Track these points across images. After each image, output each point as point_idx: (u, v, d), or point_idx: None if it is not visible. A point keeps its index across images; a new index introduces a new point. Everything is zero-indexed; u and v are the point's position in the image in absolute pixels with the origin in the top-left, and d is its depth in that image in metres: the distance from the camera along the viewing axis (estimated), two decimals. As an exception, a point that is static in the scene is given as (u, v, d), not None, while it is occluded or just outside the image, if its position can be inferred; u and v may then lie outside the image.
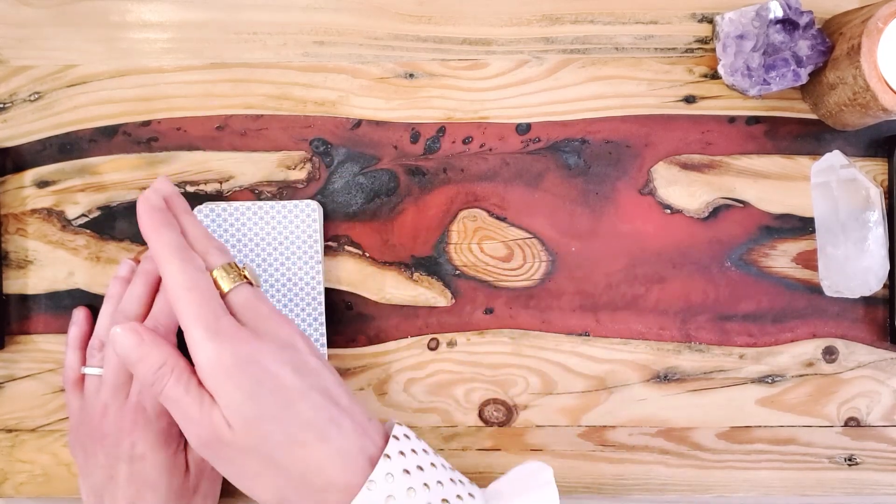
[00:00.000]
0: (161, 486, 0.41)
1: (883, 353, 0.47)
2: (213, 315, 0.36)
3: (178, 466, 0.42)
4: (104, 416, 0.42)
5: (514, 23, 0.48)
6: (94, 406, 0.43)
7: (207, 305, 0.36)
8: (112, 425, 0.42)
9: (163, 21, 0.48)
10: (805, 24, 0.45)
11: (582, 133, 0.48)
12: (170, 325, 0.41)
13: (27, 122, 0.48)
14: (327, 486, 0.35)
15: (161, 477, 0.41)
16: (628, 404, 0.48)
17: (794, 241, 0.48)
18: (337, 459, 0.35)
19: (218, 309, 0.36)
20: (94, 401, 0.43)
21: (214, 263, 0.39)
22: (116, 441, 0.42)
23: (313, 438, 0.35)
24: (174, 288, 0.36)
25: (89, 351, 0.45)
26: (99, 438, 0.42)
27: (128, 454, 0.41)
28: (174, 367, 0.36)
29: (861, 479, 0.48)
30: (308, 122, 0.48)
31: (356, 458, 0.35)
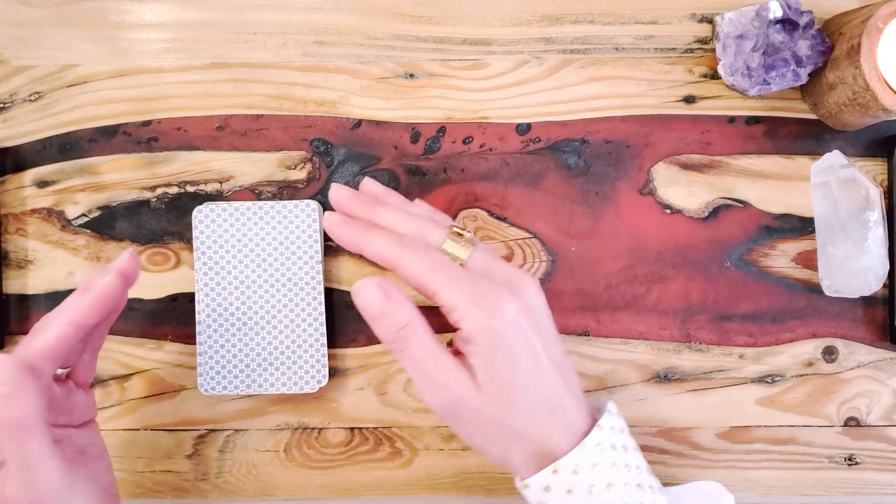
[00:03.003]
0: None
1: (883, 352, 0.48)
2: (468, 282, 0.36)
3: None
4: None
5: (514, 23, 0.48)
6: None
7: (458, 276, 0.37)
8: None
9: (163, 21, 0.48)
10: (805, 24, 0.45)
11: (582, 133, 0.48)
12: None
13: (27, 121, 0.48)
14: (547, 450, 0.37)
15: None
16: (628, 404, 0.48)
17: (793, 240, 0.48)
18: (562, 430, 0.37)
19: (468, 277, 0.37)
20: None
21: (439, 240, 0.38)
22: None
23: (548, 411, 0.37)
24: (418, 275, 0.37)
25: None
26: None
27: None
28: (418, 328, 0.37)
29: (861, 478, 0.48)
30: (308, 122, 0.48)
31: (576, 429, 0.37)
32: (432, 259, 0.37)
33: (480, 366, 0.36)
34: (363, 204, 0.41)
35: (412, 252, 0.37)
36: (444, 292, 0.36)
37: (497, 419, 0.36)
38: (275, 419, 0.48)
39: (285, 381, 0.46)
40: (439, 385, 0.36)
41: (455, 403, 0.36)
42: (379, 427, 0.48)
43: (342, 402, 0.48)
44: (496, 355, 0.36)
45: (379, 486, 0.48)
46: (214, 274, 0.46)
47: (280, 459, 0.48)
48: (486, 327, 0.36)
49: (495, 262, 0.38)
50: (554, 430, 0.37)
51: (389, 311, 0.37)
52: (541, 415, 0.37)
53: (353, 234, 0.39)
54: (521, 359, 0.36)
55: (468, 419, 0.37)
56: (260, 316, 0.46)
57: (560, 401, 0.37)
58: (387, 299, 0.37)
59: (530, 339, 0.36)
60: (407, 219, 0.40)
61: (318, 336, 0.46)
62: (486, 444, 0.38)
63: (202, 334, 0.46)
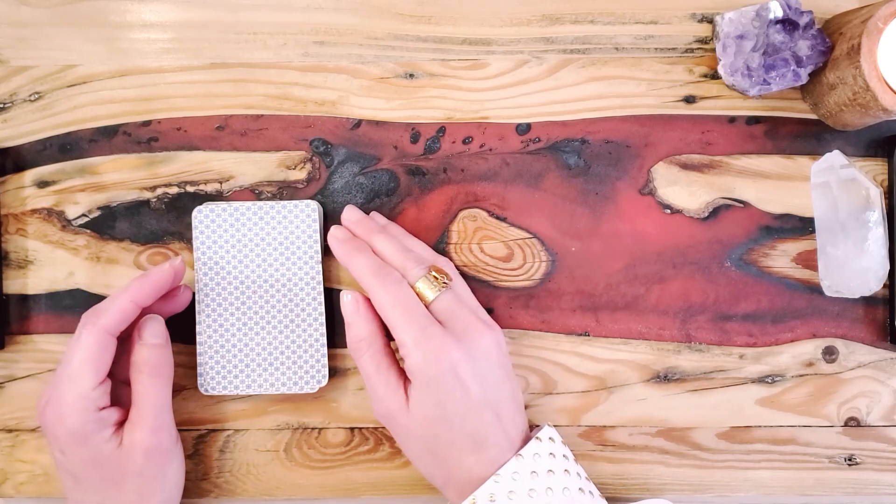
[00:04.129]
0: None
1: (883, 352, 0.47)
2: (419, 325, 0.40)
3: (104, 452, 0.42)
4: (44, 402, 0.42)
5: (514, 23, 0.48)
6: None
7: (413, 317, 0.41)
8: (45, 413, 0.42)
9: (163, 21, 0.48)
10: (805, 24, 0.45)
11: (582, 133, 0.48)
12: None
13: (27, 122, 0.48)
14: (469, 480, 0.40)
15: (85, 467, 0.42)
16: (628, 404, 0.48)
17: (793, 241, 0.48)
18: (485, 464, 0.40)
19: (423, 319, 0.41)
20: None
21: (415, 277, 0.42)
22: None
23: (471, 447, 0.40)
24: (381, 306, 0.41)
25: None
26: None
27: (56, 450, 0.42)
28: (372, 343, 0.42)
29: (861, 478, 0.48)
30: (308, 122, 0.48)
31: (497, 462, 0.40)
32: (398, 295, 0.41)
33: (413, 397, 0.41)
34: (366, 227, 0.45)
35: (382, 284, 0.41)
36: (396, 328, 0.41)
37: (422, 442, 0.41)
38: (275, 419, 0.48)
39: (285, 381, 0.46)
40: (379, 398, 0.42)
41: (389, 418, 0.42)
42: (379, 427, 0.48)
43: (342, 402, 0.48)
44: (427, 394, 0.40)
45: (379, 486, 0.48)
46: (214, 274, 0.46)
47: (280, 459, 0.48)
48: (421, 370, 0.40)
49: (459, 309, 0.42)
50: (475, 463, 0.40)
51: (354, 323, 0.43)
52: (463, 449, 0.40)
53: (345, 252, 0.44)
54: (449, 401, 0.40)
55: (399, 434, 0.42)
56: (260, 316, 0.46)
57: (488, 439, 0.40)
58: (355, 312, 0.43)
59: (465, 385, 0.40)
60: (396, 251, 0.43)
61: (318, 336, 0.46)
62: (415, 458, 0.43)
63: (202, 334, 0.46)
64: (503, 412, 0.41)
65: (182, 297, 0.46)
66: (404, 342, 0.40)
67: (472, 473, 0.40)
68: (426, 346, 0.40)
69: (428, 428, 0.41)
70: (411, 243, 0.46)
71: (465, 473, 0.40)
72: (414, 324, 0.40)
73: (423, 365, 0.40)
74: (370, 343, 0.42)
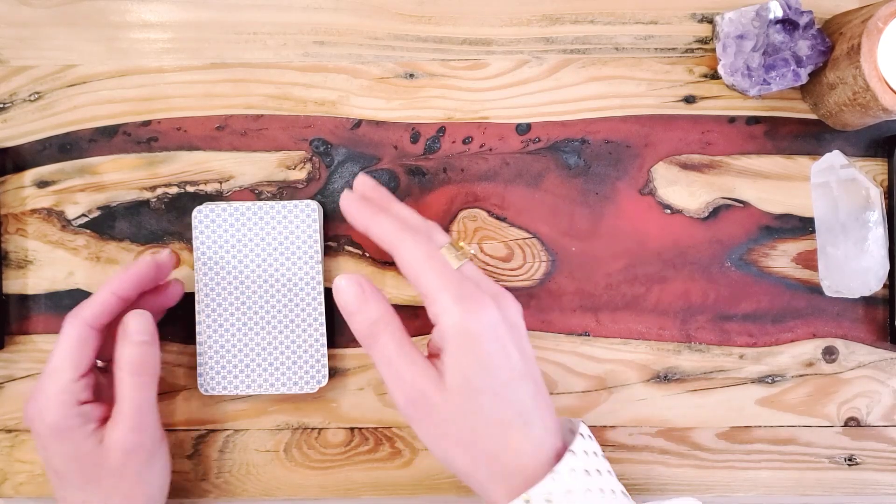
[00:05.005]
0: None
1: (883, 353, 0.47)
2: (456, 281, 0.37)
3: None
4: (29, 398, 0.41)
5: (514, 23, 0.48)
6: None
7: (450, 272, 0.37)
8: (28, 408, 0.41)
9: (163, 21, 0.48)
10: (805, 24, 0.45)
11: (582, 133, 0.48)
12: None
13: (27, 122, 0.48)
14: (516, 469, 0.36)
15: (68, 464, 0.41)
16: (628, 404, 0.48)
17: (794, 241, 0.48)
18: (532, 447, 0.36)
19: (458, 275, 0.37)
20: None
21: (440, 242, 0.39)
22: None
23: (519, 423, 0.36)
24: (413, 261, 0.37)
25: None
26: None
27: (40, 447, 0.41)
28: (389, 322, 0.38)
29: (861, 479, 0.48)
30: (308, 122, 0.48)
31: (548, 449, 0.36)
32: (430, 250, 0.38)
33: (450, 364, 0.36)
34: (383, 194, 0.42)
35: (414, 239, 0.38)
36: (431, 283, 0.37)
37: (462, 422, 0.36)
38: (275, 419, 0.48)
39: (285, 381, 0.46)
40: (406, 381, 0.37)
41: (420, 400, 0.36)
42: (379, 427, 0.48)
43: (342, 402, 0.48)
44: (468, 356, 0.36)
45: (379, 487, 0.48)
46: (214, 274, 0.46)
47: (280, 459, 0.48)
48: (462, 326, 0.36)
49: (485, 279, 0.39)
50: (524, 446, 0.36)
51: (363, 306, 0.38)
52: (510, 426, 0.36)
53: (365, 214, 0.40)
54: (494, 365, 0.36)
55: (432, 419, 0.36)
56: (260, 316, 0.46)
57: (531, 417, 0.36)
58: (361, 295, 0.38)
59: (508, 349, 0.36)
60: (417, 217, 0.41)
61: (318, 336, 0.46)
62: (450, 448, 0.37)
63: (202, 334, 0.46)
64: (540, 387, 0.38)
65: (172, 292, 0.45)
66: (439, 299, 0.36)
67: (521, 458, 0.36)
68: (466, 304, 0.36)
69: (472, 401, 0.36)
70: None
71: (512, 457, 0.36)
72: (451, 279, 0.37)
73: (464, 322, 0.36)
74: (387, 323, 0.38)
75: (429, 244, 0.38)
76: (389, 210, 0.41)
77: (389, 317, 0.38)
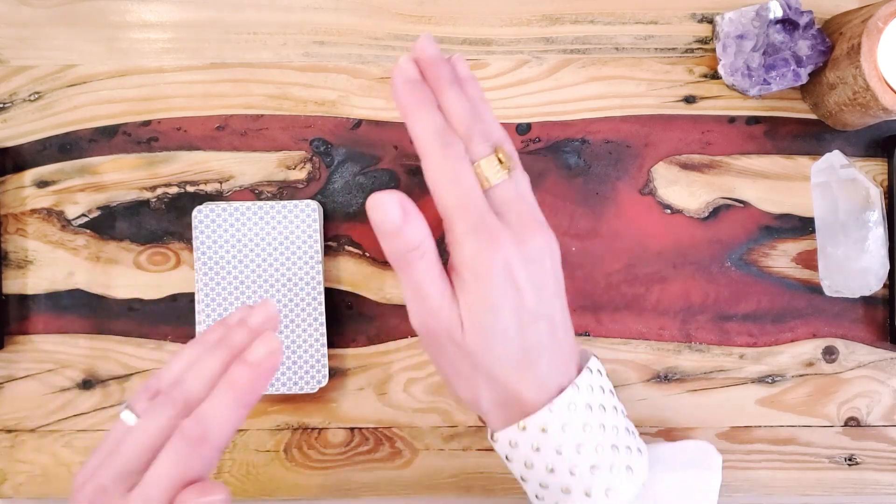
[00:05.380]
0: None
1: (883, 352, 0.47)
2: (475, 210, 0.35)
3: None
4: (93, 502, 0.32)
5: (514, 23, 0.48)
6: (92, 470, 0.33)
7: (470, 199, 0.35)
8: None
9: (163, 21, 0.48)
10: (805, 24, 0.45)
11: (582, 133, 0.48)
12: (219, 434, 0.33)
13: (27, 121, 0.48)
14: (518, 403, 0.35)
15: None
16: (629, 404, 0.48)
17: (794, 240, 0.48)
18: (535, 385, 0.35)
19: (481, 204, 0.35)
20: (97, 461, 0.33)
21: (479, 153, 0.36)
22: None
23: (525, 364, 0.35)
24: (435, 179, 0.35)
25: (144, 390, 0.35)
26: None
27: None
28: (427, 251, 0.35)
29: (861, 478, 0.48)
30: (308, 122, 0.48)
31: (553, 387, 0.36)
32: (459, 172, 0.35)
33: (464, 302, 0.35)
34: (440, 75, 0.38)
35: (445, 155, 0.35)
36: (448, 209, 0.35)
37: (473, 359, 0.35)
38: (275, 419, 0.48)
39: (285, 381, 0.46)
40: (432, 311, 0.35)
41: (440, 332, 0.36)
42: (379, 427, 0.48)
43: (342, 402, 0.48)
44: (478, 295, 0.35)
45: (379, 487, 0.48)
46: (214, 274, 0.46)
47: (280, 460, 0.48)
48: (472, 262, 0.35)
49: (519, 202, 0.36)
50: (528, 383, 0.35)
51: (403, 231, 0.35)
52: (516, 365, 0.35)
53: (409, 101, 0.37)
54: (502, 305, 0.35)
55: (447, 351, 0.36)
56: (260, 316, 0.46)
57: (541, 355, 0.35)
58: (404, 218, 0.35)
59: (519, 287, 0.35)
60: (467, 116, 0.37)
61: (318, 336, 0.46)
62: (458, 380, 0.37)
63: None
64: (557, 326, 0.36)
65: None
66: (455, 228, 0.35)
67: (521, 395, 0.35)
68: (480, 237, 0.34)
69: (481, 341, 0.35)
70: (485, 111, 0.38)
71: (514, 396, 0.35)
72: (470, 210, 0.35)
73: (475, 258, 0.34)
74: (425, 249, 0.35)
75: (460, 160, 0.35)
76: (441, 97, 0.37)
77: (428, 243, 0.35)
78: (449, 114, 0.37)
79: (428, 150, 0.36)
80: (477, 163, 0.36)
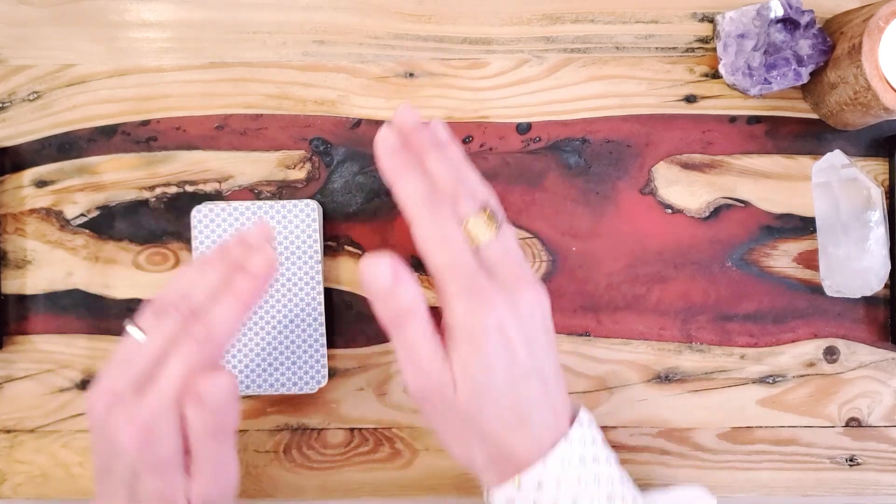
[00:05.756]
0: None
1: (884, 353, 0.47)
2: (466, 271, 0.35)
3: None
4: (110, 408, 0.35)
5: (515, 22, 0.48)
6: (105, 382, 0.35)
7: (460, 260, 0.36)
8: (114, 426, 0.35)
9: (162, 20, 0.48)
10: (806, 24, 0.44)
11: (582, 133, 0.48)
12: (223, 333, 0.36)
13: (26, 121, 0.48)
14: (512, 460, 0.36)
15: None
16: (629, 405, 0.48)
17: (795, 240, 0.48)
18: (528, 441, 0.36)
19: (471, 264, 0.36)
20: (109, 375, 0.36)
21: (466, 213, 0.37)
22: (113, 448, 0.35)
23: (518, 421, 0.36)
24: (426, 241, 0.36)
25: (149, 309, 0.37)
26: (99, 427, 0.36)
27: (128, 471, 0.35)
28: (419, 311, 0.36)
29: (862, 479, 0.48)
30: (308, 122, 0.48)
31: (546, 443, 0.36)
32: (448, 232, 0.36)
33: (457, 361, 0.35)
34: (423, 140, 0.39)
35: (433, 217, 0.36)
36: (440, 271, 0.36)
37: (466, 417, 0.36)
38: (274, 420, 0.48)
39: (285, 381, 0.46)
40: (423, 372, 0.36)
41: (433, 393, 0.36)
42: (379, 428, 0.48)
43: (342, 402, 0.48)
44: (471, 355, 0.35)
45: (379, 487, 0.48)
46: (214, 274, 0.46)
47: (279, 460, 0.48)
48: (465, 322, 0.35)
49: (508, 259, 0.37)
50: (521, 439, 0.36)
51: (395, 294, 0.36)
52: (509, 422, 0.36)
53: (394, 166, 0.38)
54: (495, 364, 0.35)
55: (440, 410, 0.36)
56: (259, 316, 0.46)
57: (533, 412, 0.36)
58: (395, 280, 0.35)
59: (512, 345, 0.35)
60: (451, 178, 0.38)
61: (318, 336, 0.46)
62: (452, 439, 0.37)
63: (201, 334, 0.46)
64: (548, 380, 0.37)
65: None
66: (446, 289, 0.35)
67: (515, 452, 0.35)
68: (472, 298, 0.35)
69: (474, 401, 0.35)
70: (468, 171, 0.39)
71: (507, 453, 0.36)
72: (461, 270, 0.35)
73: (467, 319, 0.35)
74: (416, 311, 0.36)
75: (448, 221, 0.36)
76: (423, 164, 0.38)
77: (419, 303, 0.36)
78: (434, 177, 0.38)
79: (417, 213, 0.37)
80: (465, 222, 0.37)
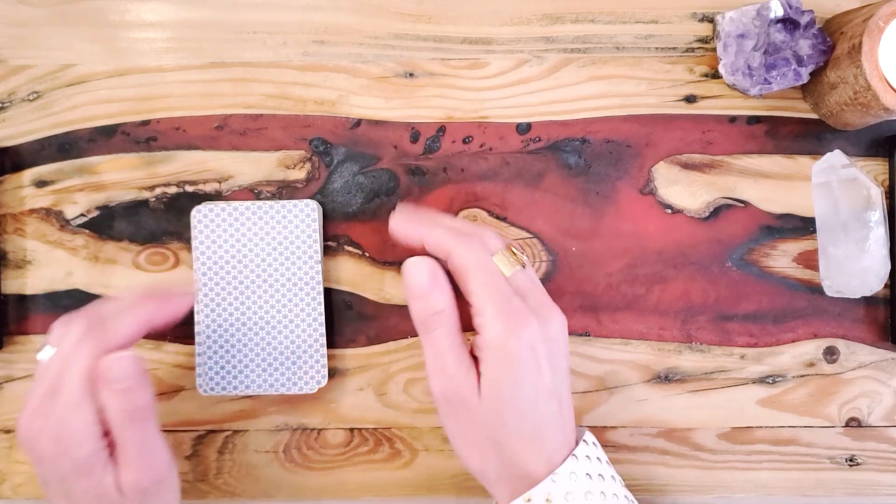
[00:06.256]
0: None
1: (884, 353, 0.47)
2: (503, 295, 0.38)
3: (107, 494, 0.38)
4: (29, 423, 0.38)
5: (515, 22, 0.48)
6: (26, 402, 0.39)
7: (497, 285, 0.38)
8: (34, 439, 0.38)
9: (162, 20, 0.48)
10: (806, 24, 0.44)
11: (582, 133, 0.48)
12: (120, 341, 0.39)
13: (26, 121, 0.48)
14: (524, 475, 0.38)
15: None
16: (629, 405, 0.48)
17: (794, 240, 0.48)
18: (541, 458, 0.38)
19: (507, 289, 0.38)
20: (28, 395, 0.39)
21: (494, 248, 0.39)
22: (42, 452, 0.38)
23: (535, 438, 0.38)
24: (464, 268, 0.38)
25: (57, 324, 0.40)
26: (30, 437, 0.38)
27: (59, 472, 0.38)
28: (450, 317, 0.38)
29: (862, 479, 0.48)
30: (308, 122, 0.48)
31: (557, 460, 0.38)
32: (482, 259, 0.38)
33: (486, 375, 0.37)
34: (426, 213, 0.42)
35: (468, 246, 0.38)
36: (478, 294, 0.38)
37: (486, 428, 0.38)
38: (274, 420, 0.48)
39: (284, 381, 0.46)
40: (448, 377, 0.38)
41: (455, 399, 0.38)
42: (379, 428, 0.48)
43: (342, 402, 0.48)
44: (503, 371, 0.37)
45: (378, 488, 0.48)
46: (213, 274, 0.46)
47: (279, 460, 0.48)
48: (502, 343, 0.37)
49: (534, 289, 0.40)
50: (534, 456, 0.38)
51: (430, 294, 0.38)
52: (527, 439, 0.38)
53: (419, 224, 0.40)
54: (524, 382, 0.37)
55: (461, 418, 0.38)
56: (259, 316, 0.46)
57: (549, 431, 0.38)
58: (433, 282, 0.38)
59: (540, 367, 0.38)
60: (468, 224, 0.41)
61: (318, 336, 0.46)
62: (469, 448, 0.39)
63: (201, 335, 0.46)
64: (564, 403, 0.39)
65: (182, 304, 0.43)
66: (484, 311, 0.37)
67: (528, 468, 0.37)
68: (509, 319, 0.37)
69: (497, 413, 0.37)
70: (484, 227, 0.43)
71: (520, 467, 0.38)
72: (498, 292, 0.37)
73: (504, 338, 0.37)
74: (448, 317, 0.38)
75: (481, 251, 0.39)
76: (439, 221, 0.41)
77: (451, 310, 0.39)
78: (453, 228, 0.40)
79: (452, 245, 0.39)
80: (493, 255, 0.39)
